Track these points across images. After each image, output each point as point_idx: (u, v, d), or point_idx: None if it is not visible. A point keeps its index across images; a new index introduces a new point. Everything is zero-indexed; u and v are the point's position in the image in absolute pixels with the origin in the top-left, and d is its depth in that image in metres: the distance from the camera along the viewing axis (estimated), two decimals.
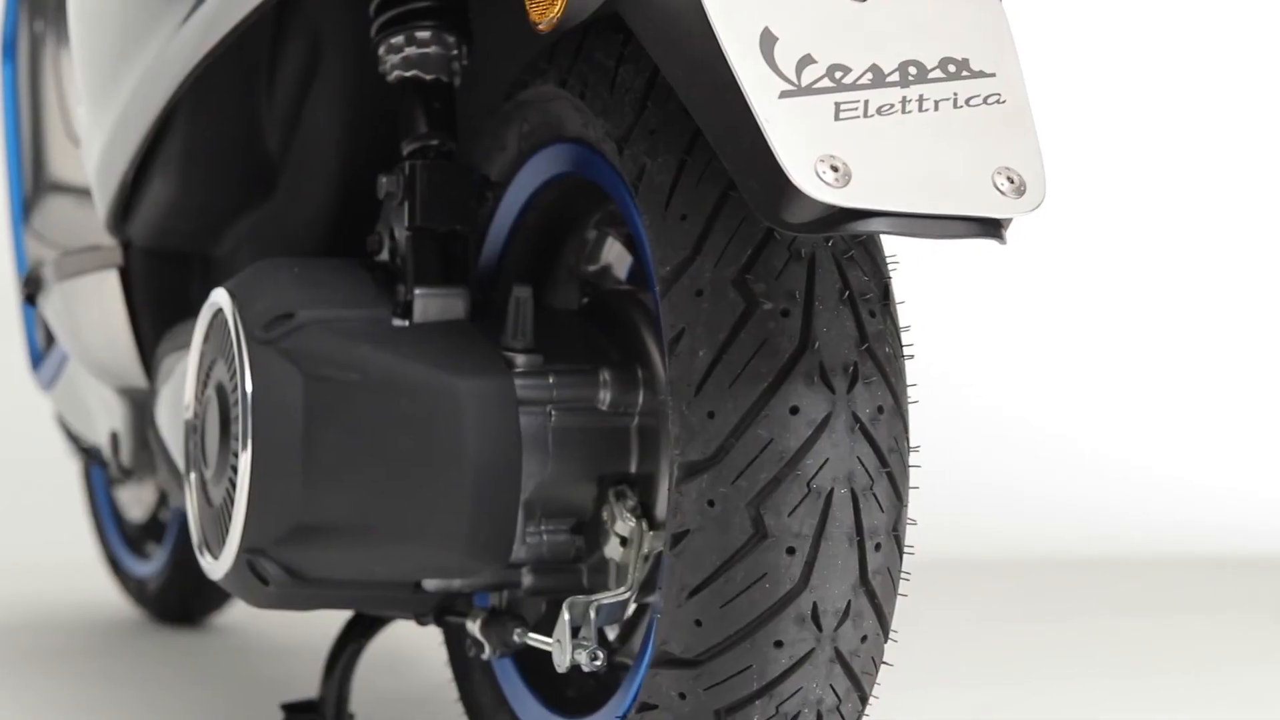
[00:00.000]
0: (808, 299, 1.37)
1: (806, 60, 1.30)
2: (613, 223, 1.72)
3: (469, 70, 1.69)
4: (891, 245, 1.46)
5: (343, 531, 1.57)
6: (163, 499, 2.96)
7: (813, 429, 1.35)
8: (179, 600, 2.92)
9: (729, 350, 1.36)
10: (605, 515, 1.56)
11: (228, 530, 1.61)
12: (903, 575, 1.43)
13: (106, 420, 2.29)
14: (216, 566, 1.65)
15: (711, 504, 1.36)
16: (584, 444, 1.55)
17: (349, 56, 1.79)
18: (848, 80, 1.30)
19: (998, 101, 1.33)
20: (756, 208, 1.28)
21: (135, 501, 2.98)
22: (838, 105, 1.29)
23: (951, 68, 1.33)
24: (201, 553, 1.69)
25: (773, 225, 1.27)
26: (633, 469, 1.56)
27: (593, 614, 1.50)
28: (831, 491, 1.36)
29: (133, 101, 1.87)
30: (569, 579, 1.62)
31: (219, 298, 1.65)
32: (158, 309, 2.10)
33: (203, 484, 1.70)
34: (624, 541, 1.54)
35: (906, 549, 1.42)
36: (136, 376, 2.14)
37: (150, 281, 2.10)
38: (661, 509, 1.54)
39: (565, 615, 1.50)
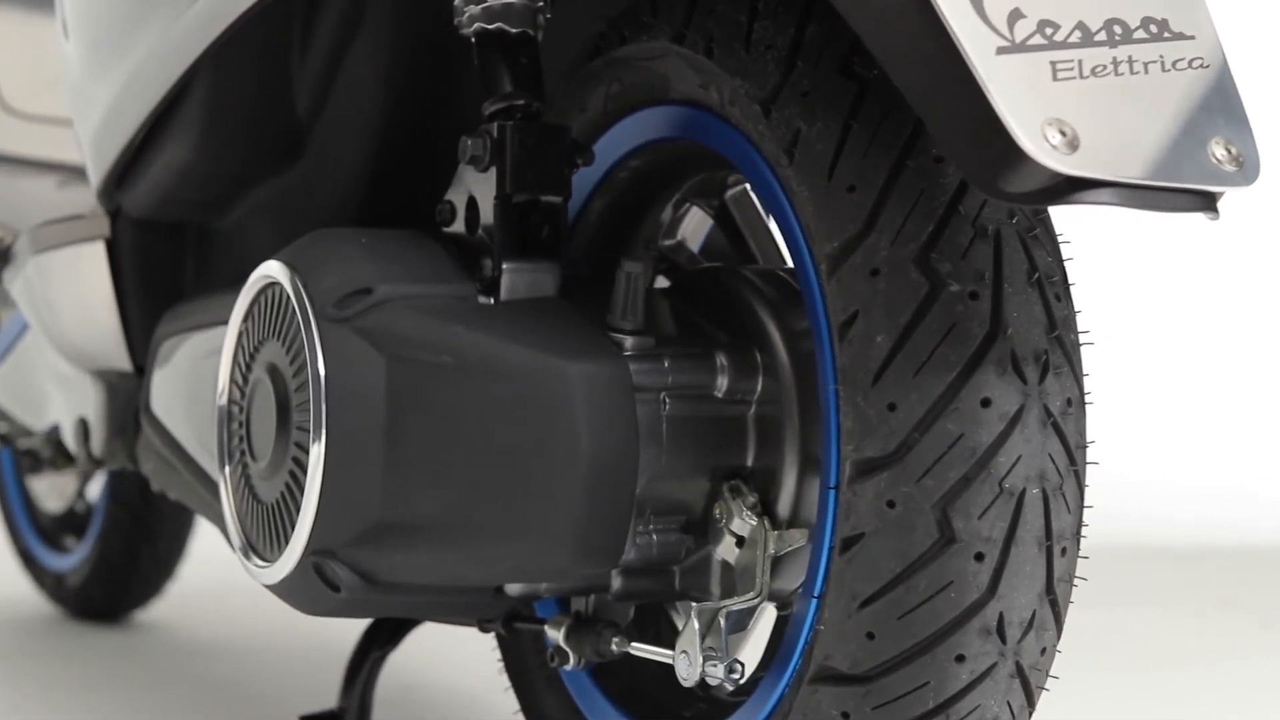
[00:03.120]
0: (996, 280, 1.24)
1: (1017, 14, 1.17)
2: (703, 193, 1.58)
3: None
4: (1061, 223, 1.35)
5: (430, 531, 1.41)
6: (81, 490, 2.77)
7: (1005, 423, 1.23)
8: (103, 595, 2.74)
9: (912, 336, 1.23)
10: (718, 512, 1.42)
11: (289, 530, 1.45)
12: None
13: (71, 406, 2.09)
14: (269, 571, 1.48)
15: (891, 505, 1.23)
16: (699, 435, 1.41)
17: (394, 13, 1.63)
18: (1058, 37, 1.18)
19: (1202, 66, 1.22)
20: (970, 174, 1.15)
21: (53, 492, 2.78)
22: (1054, 64, 1.17)
23: (1153, 28, 1.22)
24: (247, 556, 1.52)
25: (988, 194, 1.15)
26: (749, 462, 1.43)
27: (722, 621, 1.37)
28: (1024, 492, 1.24)
29: (148, 61, 1.68)
30: (662, 582, 1.48)
31: (273, 271, 1.48)
32: (147, 285, 1.92)
33: (246, 478, 1.53)
34: (740, 541, 1.40)
35: (1080, 555, 1.31)
36: (118, 358, 1.95)
37: (140, 255, 1.91)
38: (784, 507, 1.41)
39: (694, 623, 1.37)
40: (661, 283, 1.59)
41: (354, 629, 2.31)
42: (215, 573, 3.11)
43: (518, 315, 1.43)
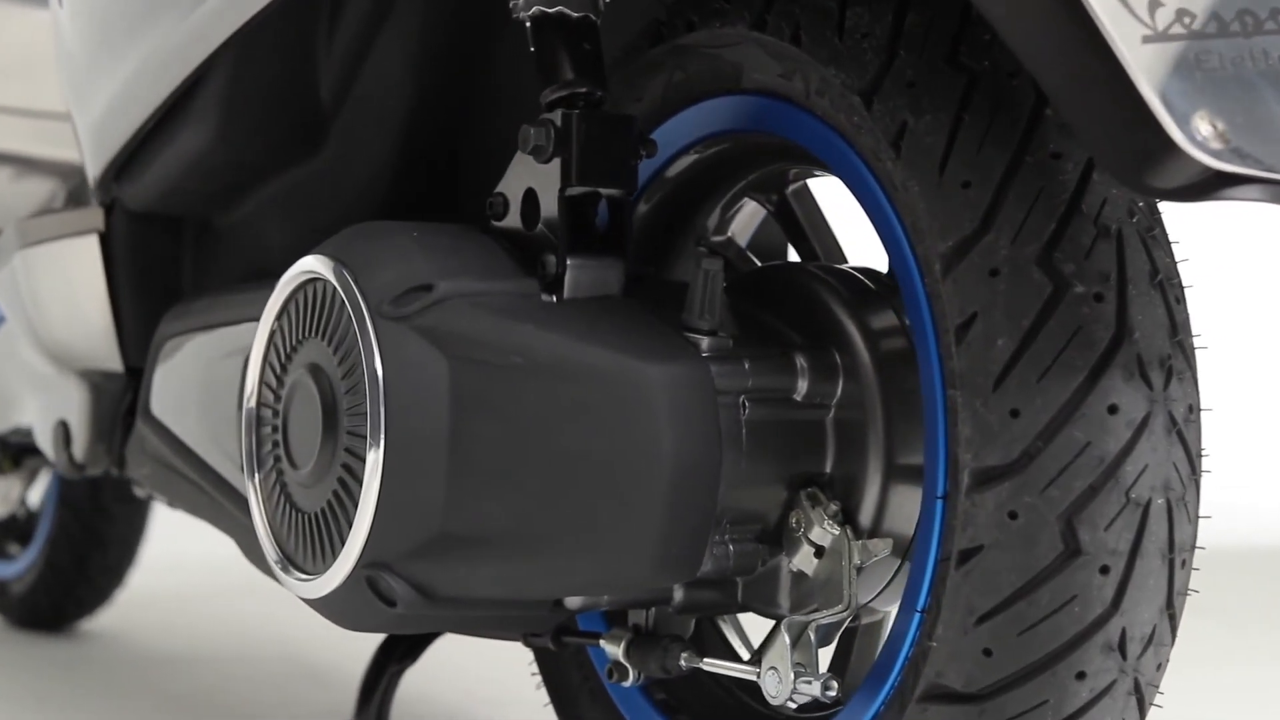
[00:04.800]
0: (1120, 281, 1.19)
1: (1156, 3, 1.12)
2: (762, 188, 1.52)
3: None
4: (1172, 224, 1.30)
5: (497, 542, 1.33)
6: (24, 495, 2.65)
7: (1132, 431, 1.18)
8: (50, 603, 2.63)
9: (1036, 339, 1.18)
10: (795, 521, 1.36)
11: (339, 542, 1.37)
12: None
13: (50, 409, 1.98)
14: (313, 585, 1.39)
15: (1014, 516, 1.18)
16: (778, 440, 1.35)
17: (423, 2, 1.55)
18: (1195, 27, 1.13)
19: None
20: (1113, 168, 1.10)
21: None
22: (1196, 55, 1.12)
23: None
24: (285, 569, 1.43)
25: (1132, 189, 1.10)
26: (828, 469, 1.37)
27: (812, 635, 1.31)
28: (1149, 502, 1.19)
29: (162, 49, 1.59)
30: (725, 594, 1.41)
31: (317, 265, 1.40)
32: (142, 282, 1.82)
33: (281, 486, 1.44)
34: (819, 551, 1.34)
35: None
36: (109, 357, 1.85)
37: (136, 251, 1.81)
38: (866, 515, 1.35)
39: (785, 638, 1.30)
40: None
41: (322, 636, 2.23)
42: (166, 580, 3.01)
43: (587, 314, 1.35)
